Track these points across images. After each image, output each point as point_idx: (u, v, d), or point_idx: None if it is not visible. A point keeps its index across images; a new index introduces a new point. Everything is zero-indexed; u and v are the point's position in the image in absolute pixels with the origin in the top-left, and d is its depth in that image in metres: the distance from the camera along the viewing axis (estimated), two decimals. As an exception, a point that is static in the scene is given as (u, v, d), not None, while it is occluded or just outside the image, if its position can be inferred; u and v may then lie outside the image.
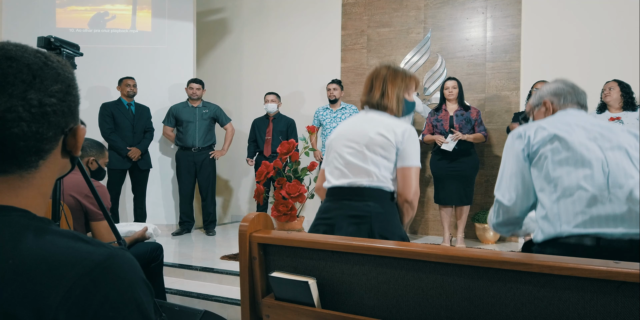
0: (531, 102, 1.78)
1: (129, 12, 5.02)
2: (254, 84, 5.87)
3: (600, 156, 1.45)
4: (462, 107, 4.20)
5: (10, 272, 0.51)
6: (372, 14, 5.19)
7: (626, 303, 0.99)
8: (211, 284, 3.28)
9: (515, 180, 1.55)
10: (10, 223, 0.56)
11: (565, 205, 1.43)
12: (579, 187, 1.42)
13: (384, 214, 1.71)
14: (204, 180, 4.98)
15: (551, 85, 1.73)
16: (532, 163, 1.53)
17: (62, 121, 0.63)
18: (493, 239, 4.45)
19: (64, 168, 0.67)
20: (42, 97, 0.60)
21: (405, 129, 1.75)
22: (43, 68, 0.61)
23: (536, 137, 1.53)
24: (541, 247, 1.46)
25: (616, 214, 1.38)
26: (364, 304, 1.28)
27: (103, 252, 0.56)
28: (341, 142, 1.82)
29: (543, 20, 4.39)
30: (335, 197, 1.79)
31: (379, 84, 1.84)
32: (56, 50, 1.65)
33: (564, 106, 1.66)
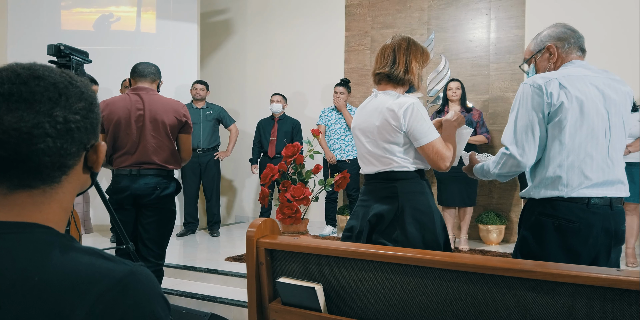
0: (531, 48, 1.76)
1: (134, 14, 5.04)
2: (258, 84, 5.89)
3: (607, 125, 1.55)
4: (464, 109, 4.21)
5: (37, 288, 0.53)
6: (375, 15, 5.20)
7: (628, 310, 1.00)
8: (216, 286, 3.31)
9: (532, 135, 1.56)
10: (34, 240, 0.58)
11: (571, 170, 1.53)
12: (587, 154, 1.53)
13: (411, 192, 1.81)
14: (208, 181, 5.01)
15: (552, 30, 1.71)
16: (550, 122, 1.54)
17: (85, 137, 0.65)
18: (496, 240, 4.46)
19: (84, 184, 0.70)
20: (67, 114, 0.62)
21: (407, 108, 1.75)
22: (68, 87, 0.64)
23: (559, 97, 1.52)
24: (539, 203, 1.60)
25: (611, 179, 1.55)
26: (370, 309, 1.30)
27: (124, 269, 0.58)
28: (360, 131, 1.91)
29: (546, 22, 4.36)
30: (369, 181, 1.91)
31: (403, 58, 1.84)
32: (66, 58, 1.67)
33: (569, 51, 1.67)
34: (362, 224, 1.87)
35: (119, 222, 2.00)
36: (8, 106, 0.59)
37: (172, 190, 2.42)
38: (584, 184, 1.53)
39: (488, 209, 4.63)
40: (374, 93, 1.92)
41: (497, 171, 1.66)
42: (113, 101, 2.41)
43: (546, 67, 1.72)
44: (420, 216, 1.79)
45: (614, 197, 1.57)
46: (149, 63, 2.57)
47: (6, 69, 0.62)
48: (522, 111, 1.59)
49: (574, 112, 1.52)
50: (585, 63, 1.66)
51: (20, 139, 0.58)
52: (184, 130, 2.46)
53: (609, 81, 1.60)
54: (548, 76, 1.57)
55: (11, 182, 0.61)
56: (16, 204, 0.61)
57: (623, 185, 1.59)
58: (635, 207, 3.66)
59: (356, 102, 5.19)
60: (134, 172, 2.35)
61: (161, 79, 2.59)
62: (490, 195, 4.66)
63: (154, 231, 2.35)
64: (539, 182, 1.60)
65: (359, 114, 1.94)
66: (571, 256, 1.55)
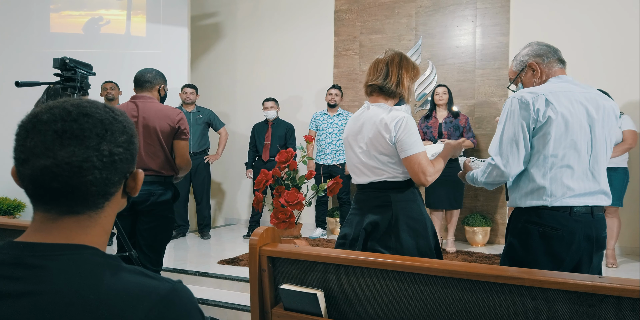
0: (514, 69, 1.85)
1: (124, 17, 5.05)
2: (248, 88, 5.93)
3: (589, 139, 1.65)
4: (450, 114, 4.32)
5: (92, 306, 0.59)
6: (364, 20, 5.29)
7: (609, 314, 1.09)
8: (209, 289, 3.35)
9: (516, 147, 1.65)
10: (85, 261, 0.65)
11: (554, 182, 1.63)
12: (569, 167, 1.62)
13: (404, 201, 1.89)
14: (198, 184, 5.04)
15: (529, 49, 1.81)
16: (535, 136, 1.64)
17: (126, 167, 0.72)
18: (482, 241, 4.58)
19: (122, 206, 0.77)
20: (112, 147, 0.69)
21: (398, 121, 1.83)
22: (113, 122, 0.70)
23: (545, 113, 1.61)
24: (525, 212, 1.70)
25: (593, 190, 1.65)
26: (368, 314, 1.37)
27: (167, 287, 0.65)
28: (353, 142, 1.97)
29: (531, 29, 4.52)
30: (362, 190, 1.97)
31: (395, 71, 1.92)
32: (71, 71, 1.70)
33: (550, 65, 1.76)
34: (356, 231, 1.93)
35: (121, 230, 2.04)
36: (61, 142, 0.65)
37: (168, 197, 2.45)
38: (567, 194, 1.63)
39: (474, 211, 4.75)
40: (366, 105, 1.99)
41: (484, 180, 1.76)
42: None
43: (532, 84, 1.81)
44: (414, 224, 1.88)
45: (595, 205, 1.66)
46: (146, 70, 2.56)
47: (57, 106, 0.68)
48: (508, 124, 1.67)
49: (558, 127, 1.61)
50: (571, 78, 1.75)
51: (72, 172, 0.65)
52: (177, 136, 2.47)
53: (593, 96, 1.69)
54: (536, 91, 1.66)
55: (60, 209, 0.67)
56: (65, 227, 0.67)
57: (604, 195, 1.69)
58: (615, 210, 3.80)
59: (345, 106, 5.27)
60: None
61: (163, 84, 2.58)
62: (476, 198, 4.78)
63: (150, 238, 2.38)
64: (525, 192, 1.69)
65: (352, 125, 2.00)
66: (555, 261, 1.64)
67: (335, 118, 4.83)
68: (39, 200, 0.67)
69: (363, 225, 1.90)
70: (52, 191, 0.65)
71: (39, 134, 0.65)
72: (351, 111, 5.08)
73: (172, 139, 2.46)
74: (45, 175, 0.64)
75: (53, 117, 0.66)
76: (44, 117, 0.66)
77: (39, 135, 0.65)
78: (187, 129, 2.50)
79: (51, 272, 0.61)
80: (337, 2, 5.42)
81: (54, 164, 0.64)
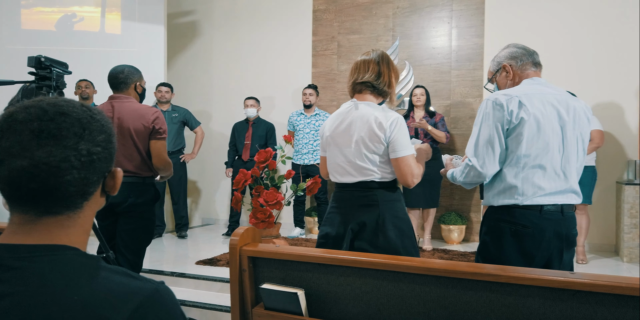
0: (491, 69, 1.91)
1: (98, 14, 4.96)
2: (225, 87, 5.90)
3: (560, 140, 1.70)
4: (427, 114, 4.38)
5: (76, 306, 0.59)
6: (342, 20, 5.31)
7: (580, 308, 1.13)
8: (187, 290, 3.32)
9: (492, 149, 1.70)
10: (67, 261, 0.64)
11: (526, 181, 1.68)
12: (541, 167, 1.67)
13: (390, 201, 1.91)
14: (175, 184, 4.99)
15: (506, 51, 1.87)
16: (509, 137, 1.69)
17: (105, 166, 0.71)
18: (457, 239, 4.66)
19: (101, 205, 0.76)
20: (90, 147, 0.68)
21: (393, 121, 1.85)
22: (91, 121, 0.69)
23: (519, 115, 1.66)
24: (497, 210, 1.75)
25: (563, 189, 1.70)
26: (349, 312, 1.39)
27: (150, 287, 0.65)
28: (338, 140, 1.93)
29: (504, 31, 4.62)
30: (345, 189, 1.95)
31: (387, 71, 1.93)
32: (46, 70, 1.67)
33: (523, 67, 1.82)
34: (340, 230, 1.93)
35: (99, 231, 2.01)
36: (39, 142, 0.64)
37: (147, 199, 2.42)
38: (538, 193, 1.68)
39: (450, 209, 4.83)
40: (353, 103, 1.95)
41: (462, 180, 1.81)
42: None
43: (505, 84, 1.86)
44: (399, 223, 1.90)
45: (565, 204, 1.72)
46: (118, 71, 2.46)
47: (33, 105, 0.66)
48: (484, 126, 1.72)
49: (531, 128, 1.66)
50: (544, 81, 1.80)
51: (50, 173, 0.64)
52: (152, 136, 2.42)
53: (564, 98, 1.74)
54: (510, 93, 1.71)
55: (38, 210, 0.66)
56: (44, 228, 0.67)
57: (575, 194, 1.74)
58: (584, 207, 3.92)
59: (323, 105, 5.29)
60: None
61: (138, 80, 2.51)
62: (452, 197, 4.86)
63: (129, 239, 2.35)
64: (498, 191, 1.74)
65: (337, 123, 1.96)
66: (526, 259, 1.69)
67: (313, 118, 4.84)
68: (16, 201, 0.66)
69: (348, 224, 1.90)
70: (30, 192, 0.64)
71: (14, 133, 0.64)
72: (329, 111, 5.10)
73: (149, 139, 2.42)
74: (23, 176, 0.63)
75: (29, 116, 0.65)
76: (20, 117, 0.65)
77: (15, 135, 0.63)
78: (163, 129, 2.44)
79: (33, 273, 0.61)
80: (315, 2, 5.43)
81: (31, 165, 0.63)
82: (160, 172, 2.45)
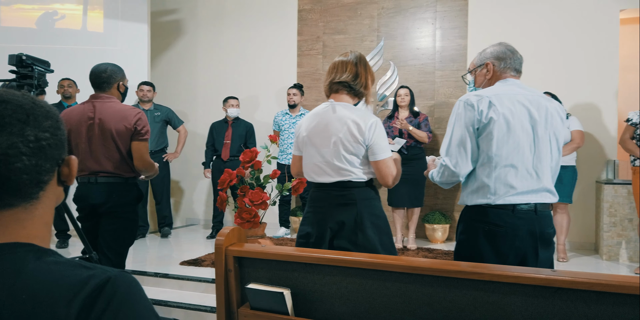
0: (475, 62, 1.92)
1: (80, 12, 4.89)
2: (209, 86, 5.86)
3: (531, 140, 1.71)
4: (411, 114, 4.42)
5: (27, 304, 0.57)
6: (327, 20, 5.32)
7: (561, 305, 1.16)
8: (171, 290, 3.30)
9: (463, 149, 1.73)
10: (16, 260, 0.62)
11: (498, 180, 1.69)
12: (512, 166, 1.69)
13: (367, 199, 1.93)
14: (158, 183, 4.95)
15: (495, 48, 1.87)
16: (480, 137, 1.72)
17: (57, 153, 0.69)
18: (441, 238, 4.70)
19: (59, 197, 0.73)
20: (37, 132, 0.66)
21: (372, 124, 1.88)
22: (34, 107, 0.67)
23: (488, 114, 1.69)
24: (472, 210, 1.77)
25: (536, 188, 1.71)
26: (335, 311, 1.39)
27: (103, 276, 0.61)
28: (317, 139, 1.95)
29: (487, 33, 4.68)
30: (322, 188, 1.97)
31: (364, 73, 1.97)
32: (28, 68, 1.64)
33: (504, 71, 1.83)
34: (320, 230, 1.95)
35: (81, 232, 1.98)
36: None
37: (129, 199, 2.39)
38: (510, 193, 1.69)
39: (434, 209, 4.87)
40: (330, 104, 1.97)
41: (438, 179, 1.83)
42: (68, 112, 2.35)
43: (482, 81, 1.88)
44: (377, 221, 1.93)
45: (539, 203, 1.73)
46: (100, 70, 2.41)
47: None
48: (456, 126, 1.75)
49: (501, 128, 1.68)
50: (519, 82, 1.82)
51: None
52: (134, 137, 2.39)
53: (536, 98, 1.76)
54: (481, 94, 1.74)
55: None
56: (0, 223, 0.65)
57: (549, 193, 1.75)
58: (565, 206, 3.99)
59: (309, 105, 5.29)
60: (92, 180, 2.33)
61: (121, 80, 2.47)
62: (435, 196, 4.90)
63: (112, 240, 2.33)
64: (472, 191, 1.76)
65: (314, 123, 1.97)
66: (500, 257, 1.70)
67: (298, 118, 4.83)
68: None
69: (327, 223, 1.92)
70: None
71: None
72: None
73: (130, 140, 2.39)
74: None
75: None
76: None
77: None
78: (145, 129, 2.41)
79: None
80: (301, 2, 5.43)
81: None
82: (142, 173, 2.43)
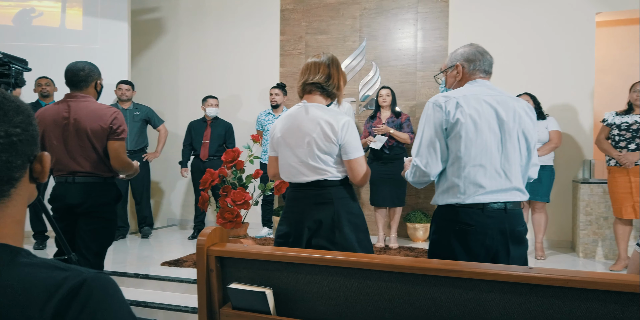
0: (446, 63, 1.95)
1: (58, 10, 4.81)
2: (191, 85, 5.82)
3: (498, 141, 1.74)
4: (393, 114, 4.45)
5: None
6: (310, 20, 5.33)
7: (537, 302, 1.18)
8: (152, 291, 3.27)
9: (432, 149, 1.76)
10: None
11: (467, 180, 1.72)
12: (481, 166, 1.72)
13: (344, 198, 1.97)
14: (138, 183, 4.90)
15: (465, 49, 1.89)
16: (449, 137, 1.75)
17: (28, 149, 0.67)
18: (422, 237, 4.75)
19: (32, 195, 0.71)
20: (7, 128, 0.64)
21: (344, 124, 1.91)
22: (4, 102, 0.66)
23: (455, 115, 1.72)
24: (443, 210, 1.80)
25: (505, 187, 1.73)
26: (317, 310, 1.40)
27: (79, 277, 0.60)
28: (291, 140, 1.97)
29: (468, 34, 4.74)
30: (299, 188, 1.99)
31: (336, 74, 2.00)
32: (5, 66, 1.61)
33: (473, 72, 1.86)
34: (298, 229, 1.97)
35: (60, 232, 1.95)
36: None
37: (108, 200, 2.37)
38: (479, 192, 1.72)
39: (415, 208, 4.92)
40: (303, 105, 2.00)
41: (411, 180, 1.86)
42: (43, 111, 2.32)
43: (452, 82, 1.91)
44: (354, 219, 1.97)
45: (509, 201, 1.75)
46: (77, 68, 2.38)
47: None
48: (426, 127, 1.78)
49: (468, 128, 1.71)
50: (488, 83, 1.85)
51: None
52: (110, 137, 2.35)
53: (504, 99, 1.78)
54: (449, 95, 1.77)
55: None
56: None
57: (519, 191, 1.77)
58: (543, 205, 4.07)
59: (292, 105, 5.28)
60: (69, 179, 2.30)
61: (98, 78, 2.44)
62: (417, 196, 4.95)
63: (90, 241, 2.30)
64: (442, 190, 1.79)
65: (288, 124, 1.99)
66: (471, 256, 1.73)
67: None
68: None
69: (305, 223, 1.94)
70: None
71: None
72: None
73: (107, 139, 2.36)
74: None
75: None
76: None
77: None
78: (122, 129, 2.38)
79: None
80: (283, 2, 5.42)
81: None
82: (120, 172, 2.41)
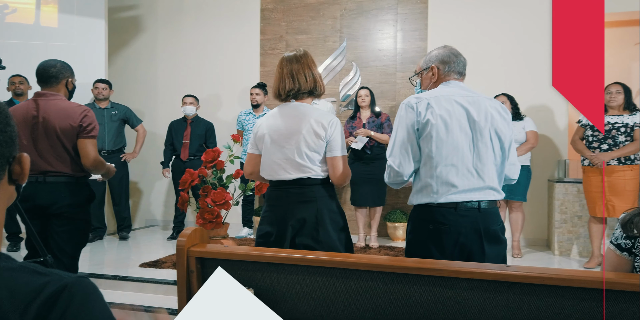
0: (421, 65, 1.97)
1: (33, 6, 4.70)
2: (170, 85, 5.75)
3: (470, 140, 1.76)
4: (373, 114, 4.48)
5: None
6: (290, 20, 5.32)
7: (515, 299, 1.21)
8: (131, 293, 3.22)
9: (405, 149, 1.78)
10: None
11: (439, 180, 1.74)
12: (452, 165, 1.74)
13: (326, 196, 1.99)
14: (116, 184, 4.82)
15: (439, 51, 1.92)
16: (421, 137, 1.77)
17: (7, 151, 0.66)
18: (402, 236, 4.79)
19: (11, 197, 0.70)
20: None
21: (332, 122, 1.96)
22: None
23: (426, 116, 1.75)
24: (418, 209, 1.82)
25: (478, 186, 1.75)
26: (298, 310, 1.41)
27: (59, 283, 0.59)
28: (278, 137, 1.97)
29: (446, 35, 4.80)
30: (281, 187, 1.99)
31: (317, 74, 2.03)
32: (-23, 64, 1.56)
33: (448, 74, 1.88)
34: (281, 228, 1.97)
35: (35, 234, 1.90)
36: None
37: (80, 200, 2.32)
38: (451, 191, 1.74)
39: (395, 208, 4.96)
40: (292, 103, 2.01)
41: (387, 180, 1.88)
42: (12, 110, 2.26)
43: (428, 84, 1.93)
44: (336, 217, 1.99)
45: (483, 200, 1.77)
46: (49, 64, 2.35)
47: None
48: (399, 128, 1.80)
49: (439, 129, 1.73)
50: (462, 84, 1.87)
51: None
52: (80, 135, 2.31)
53: (477, 99, 1.80)
54: (421, 96, 1.79)
55: None
56: None
57: (493, 190, 1.79)
58: (520, 204, 4.14)
59: (272, 105, 5.27)
60: (39, 179, 2.24)
61: (70, 77, 2.40)
62: (397, 196, 4.99)
63: (63, 242, 2.25)
64: (416, 190, 1.81)
65: (275, 122, 2.00)
66: (445, 255, 1.74)
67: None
68: None
69: (288, 221, 1.94)
70: None
71: None
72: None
73: (77, 138, 2.31)
74: None
75: None
76: None
77: None
78: (92, 126, 2.33)
79: None
80: (263, 1, 5.40)
81: None
82: (93, 172, 2.35)
